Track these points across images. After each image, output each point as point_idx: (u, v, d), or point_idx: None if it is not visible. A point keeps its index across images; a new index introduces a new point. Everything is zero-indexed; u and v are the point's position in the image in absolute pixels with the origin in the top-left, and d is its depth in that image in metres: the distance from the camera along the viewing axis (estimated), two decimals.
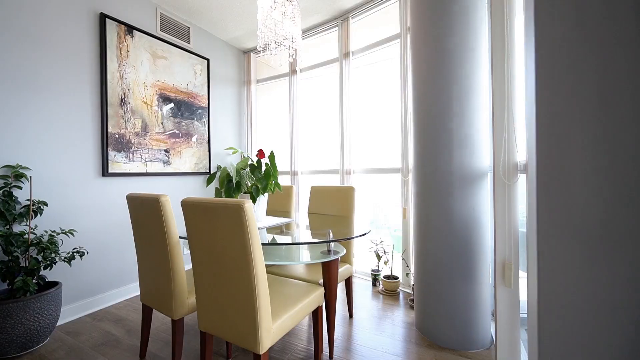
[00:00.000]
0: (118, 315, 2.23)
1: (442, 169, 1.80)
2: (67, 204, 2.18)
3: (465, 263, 1.76)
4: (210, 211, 1.19)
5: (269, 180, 1.69)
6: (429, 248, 1.87)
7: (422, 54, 1.91)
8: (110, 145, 2.41)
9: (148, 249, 1.56)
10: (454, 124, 1.76)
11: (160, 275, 1.50)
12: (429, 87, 1.86)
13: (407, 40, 2.60)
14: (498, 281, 1.29)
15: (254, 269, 1.14)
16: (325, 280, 1.64)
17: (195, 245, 1.30)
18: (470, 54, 1.76)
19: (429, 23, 1.86)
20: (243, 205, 1.10)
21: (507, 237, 1.26)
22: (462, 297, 1.76)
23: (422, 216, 1.93)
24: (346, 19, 3.04)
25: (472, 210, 1.76)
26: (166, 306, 1.50)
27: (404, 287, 2.66)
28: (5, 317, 1.64)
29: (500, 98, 1.27)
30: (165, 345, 1.83)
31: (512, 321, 1.27)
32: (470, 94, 1.76)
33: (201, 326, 1.36)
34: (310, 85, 3.65)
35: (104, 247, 2.40)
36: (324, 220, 2.15)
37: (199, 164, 3.23)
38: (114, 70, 2.44)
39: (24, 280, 1.71)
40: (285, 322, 1.31)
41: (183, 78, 3.05)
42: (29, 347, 1.76)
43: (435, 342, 1.84)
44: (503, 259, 1.27)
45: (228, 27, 3.33)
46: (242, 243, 1.13)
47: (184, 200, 1.28)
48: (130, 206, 1.62)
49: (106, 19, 2.39)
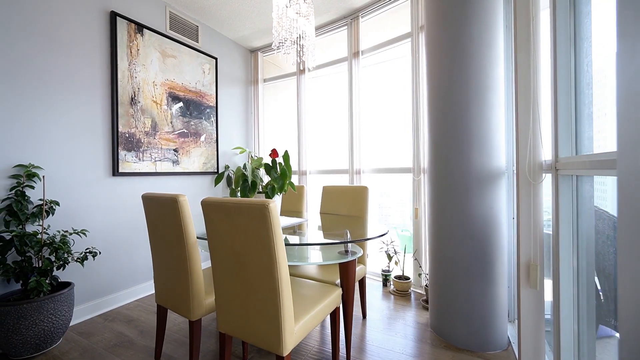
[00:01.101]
0: (129, 316, 2.21)
1: (460, 168, 1.78)
2: (78, 203, 2.17)
3: (483, 263, 1.74)
4: (233, 211, 1.17)
5: (285, 180, 1.68)
6: (445, 248, 1.85)
7: (438, 52, 1.89)
8: (120, 145, 2.39)
9: (164, 249, 1.54)
10: (472, 122, 1.75)
11: (178, 276, 1.49)
12: (445, 85, 1.84)
13: (419, 39, 2.58)
14: (522, 282, 1.27)
15: (277, 270, 1.13)
16: (343, 281, 1.62)
17: (216, 245, 1.28)
18: (487, 51, 1.74)
19: (445, 21, 1.84)
20: (268, 205, 1.08)
21: (531, 237, 1.25)
22: (480, 298, 1.75)
23: (437, 216, 1.92)
24: (356, 17, 3.02)
25: (490, 209, 1.74)
26: (183, 307, 1.48)
27: (415, 288, 2.64)
28: (19, 317, 1.62)
29: (525, 96, 1.25)
30: (179, 346, 1.82)
31: (537, 323, 1.26)
32: (487, 93, 1.75)
33: (220, 327, 1.34)
34: (318, 85, 3.63)
35: (114, 247, 2.39)
36: (336, 220, 2.13)
37: (207, 164, 3.21)
38: (125, 69, 2.43)
39: (38, 280, 1.69)
40: (306, 324, 1.30)
41: (192, 77, 3.03)
42: (43, 348, 1.74)
43: (451, 343, 1.82)
44: (528, 259, 1.26)
45: (236, 26, 3.31)
46: (266, 243, 1.12)
47: (204, 200, 1.27)
48: (146, 206, 1.60)
49: (117, 17, 2.37)
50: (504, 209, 1.80)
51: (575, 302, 1.12)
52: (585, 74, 1.08)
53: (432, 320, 2.00)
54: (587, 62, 1.08)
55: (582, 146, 1.10)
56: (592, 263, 1.08)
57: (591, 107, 1.09)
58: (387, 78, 3.18)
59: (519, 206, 1.29)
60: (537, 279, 1.22)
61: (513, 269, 1.97)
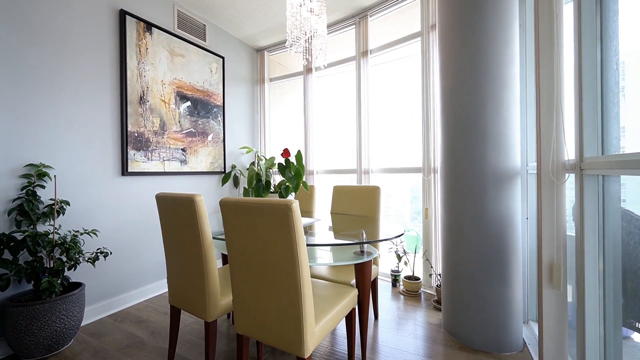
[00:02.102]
0: (139, 317, 2.20)
1: (475, 167, 1.77)
2: (87, 203, 2.15)
3: (499, 264, 1.73)
4: (254, 211, 1.15)
5: (299, 180, 1.66)
6: (460, 248, 1.84)
7: (452, 51, 1.87)
8: (129, 144, 2.37)
9: (179, 249, 1.53)
10: (488, 122, 1.73)
11: (193, 276, 1.47)
12: (460, 84, 1.83)
13: (429, 38, 2.57)
14: (544, 283, 1.26)
15: (299, 271, 1.11)
16: (359, 281, 1.61)
17: (234, 246, 1.26)
18: (503, 50, 1.73)
19: (459, 19, 1.83)
20: (291, 205, 1.07)
21: (555, 238, 1.23)
22: (495, 299, 1.73)
23: (451, 216, 1.90)
24: (364, 16, 3.01)
25: (506, 209, 1.73)
26: (199, 308, 1.47)
27: (425, 288, 2.63)
28: (31, 318, 1.61)
29: (548, 95, 1.24)
30: (192, 347, 1.80)
31: (560, 325, 1.24)
32: (503, 91, 1.73)
33: (238, 329, 1.33)
34: (325, 84, 3.62)
35: (123, 247, 2.37)
36: (349, 220, 2.11)
37: (215, 163, 3.19)
38: (134, 67, 2.41)
39: (50, 281, 1.68)
40: (325, 325, 1.28)
41: (199, 76, 3.01)
42: (55, 349, 1.73)
43: (466, 344, 1.81)
44: (550, 260, 1.24)
45: (243, 24, 3.29)
46: (288, 244, 1.10)
47: (223, 200, 1.25)
48: (160, 206, 1.58)
49: (126, 16, 2.35)
50: (519, 208, 1.78)
51: (601, 304, 1.10)
52: (614, 72, 1.06)
53: (445, 320, 1.99)
54: (615, 61, 1.06)
55: (610, 146, 1.09)
56: (619, 265, 1.07)
57: (618, 107, 1.08)
58: (395, 77, 3.16)
59: (540, 206, 1.27)
60: (560, 279, 1.20)
61: (528, 270, 1.96)
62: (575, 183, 1.18)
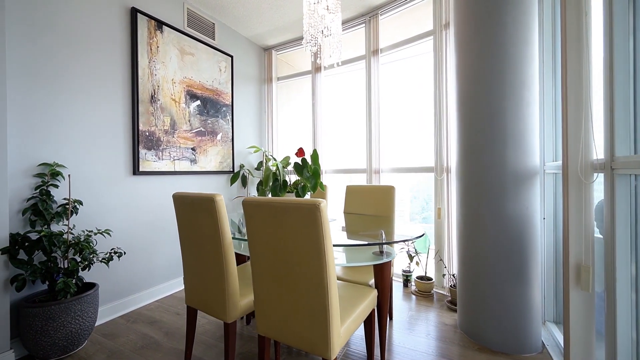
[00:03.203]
0: (152, 317, 2.18)
1: (494, 167, 1.75)
2: (99, 203, 2.13)
3: (518, 264, 1.71)
4: (279, 211, 1.13)
5: (317, 179, 1.64)
6: (478, 249, 1.82)
7: (469, 49, 1.85)
8: (140, 143, 2.36)
9: (197, 249, 1.51)
10: (507, 120, 1.71)
11: (212, 277, 1.45)
12: (478, 83, 1.81)
13: (442, 37, 2.55)
14: (571, 284, 1.24)
15: (327, 272, 1.09)
16: (378, 282, 1.59)
17: (257, 246, 1.25)
18: (523, 48, 1.71)
19: (477, 17, 1.81)
20: (319, 205, 1.05)
21: (583, 238, 1.21)
22: (514, 300, 1.71)
23: (468, 215, 1.88)
24: (375, 15, 2.99)
25: (526, 209, 1.71)
26: (218, 309, 1.45)
27: (437, 288, 2.61)
28: (47, 319, 1.59)
29: (576, 93, 1.22)
30: (208, 348, 1.79)
31: (588, 327, 1.23)
32: (523, 90, 1.71)
33: (260, 330, 1.31)
34: (333, 83, 3.60)
35: (134, 247, 2.35)
36: (363, 220, 2.09)
37: (223, 163, 3.17)
38: (145, 66, 2.39)
39: (65, 281, 1.66)
40: (349, 326, 1.26)
41: (209, 75, 2.99)
42: (70, 350, 1.71)
43: (484, 345, 1.79)
44: (578, 261, 1.22)
45: (252, 23, 3.27)
46: (316, 244, 1.08)
47: (246, 199, 1.23)
48: (177, 205, 1.56)
49: (137, 14, 2.33)
50: (538, 208, 1.76)
51: (634, 308, 1.09)
52: None
53: (461, 321, 1.97)
54: None
55: None
56: None
57: None
58: (405, 76, 3.14)
59: (567, 206, 1.26)
60: (589, 281, 1.18)
61: (545, 270, 1.94)
62: (604, 183, 1.17)
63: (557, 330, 1.85)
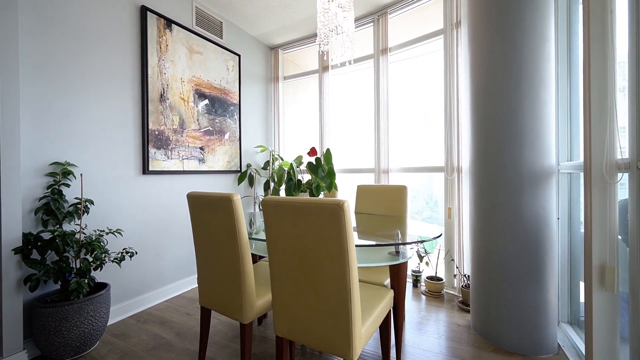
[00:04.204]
0: (162, 317, 2.17)
1: (510, 167, 1.73)
2: (109, 202, 2.12)
3: (534, 265, 1.69)
4: (301, 211, 1.12)
5: (333, 179, 1.63)
6: (493, 249, 1.81)
7: (484, 48, 1.84)
8: (150, 143, 2.34)
9: (213, 249, 1.49)
10: (524, 120, 1.70)
11: (228, 277, 1.44)
12: (493, 81, 1.79)
13: (453, 35, 2.53)
14: (594, 285, 1.22)
15: (349, 272, 1.08)
16: (394, 283, 1.58)
17: (276, 246, 1.23)
18: (541, 46, 1.69)
19: (493, 16, 1.79)
20: (343, 205, 1.04)
21: (607, 238, 1.20)
22: (531, 300, 1.70)
23: (483, 216, 1.87)
24: (384, 14, 2.97)
25: (543, 210, 1.69)
26: (234, 310, 1.44)
27: (448, 289, 2.60)
28: (61, 319, 1.58)
29: (600, 91, 1.20)
30: (221, 349, 1.77)
31: (612, 329, 1.21)
32: (540, 88, 1.70)
33: (278, 331, 1.30)
34: (341, 82, 3.58)
35: (143, 247, 2.34)
36: (374, 220, 2.08)
37: (231, 162, 3.16)
38: (154, 64, 2.38)
39: (79, 281, 1.64)
40: (369, 327, 1.25)
41: (217, 74, 2.98)
42: (82, 351, 1.70)
43: (499, 346, 1.78)
44: (602, 262, 1.21)
45: (259, 22, 3.25)
46: (339, 245, 1.07)
47: (265, 199, 1.22)
48: (192, 205, 1.55)
49: (147, 12, 2.32)
50: (554, 209, 1.75)
51: None
52: None
53: (474, 322, 1.96)
54: None
55: None
56: None
57: None
58: (413, 75, 3.12)
59: (590, 206, 1.24)
60: (613, 282, 1.17)
61: (559, 271, 1.93)
62: (629, 183, 1.15)
63: (572, 331, 1.84)
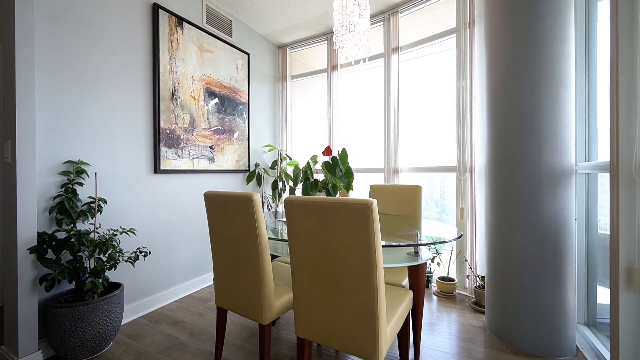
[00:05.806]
0: (174, 318, 2.15)
1: (529, 167, 1.72)
2: (121, 201, 2.10)
3: (553, 266, 1.68)
4: (326, 211, 1.10)
5: (351, 178, 1.61)
6: (510, 250, 1.79)
7: (502, 47, 1.82)
8: (161, 141, 2.32)
9: (231, 249, 1.48)
10: (543, 119, 1.68)
11: (247, 277, 1.42)
12: (512, 81, 1.77)
13: (466, 34, 2.51)
14: (621, 287, 1.20)
15: (376, 273, 1.06)
16: (413, 283, 1.56)
17: (299, 246, 1.21)
18: (560, 46, 1.67)
19: (511, 15, 1.77)
20: (371, 204, 1.02)
21: (636, 239, 1.18)
22: (549, 302, 1.68)
23: (499, 216, 1.85)
24: (395, 12, 2.95)
25: (562, 210, 1.68)
26: (253, 310, 1.42)
27: (460, 289, 2.58)
28: (76, 320, 1.56)
29: (628, 90, 1.19)
30: (236, 350, 1.76)
31: (638, 331, 1.19)
32: (559, 88, 1.68)
33: (299, 332, 1.28)
34: (349, 81, 3.56)
35: (154, 246, 2.32)
36: (389, 220, 2.06)
37: (240, 161, 3.14)
38: (166, 62, 2.36)
39: (94, 281, 1.63)
40: (393, 328, 1.23)
41: (226, 73, 2.96)
42: (97, 351, 1.68)
43: (517, 347, 1.76)
44: (629, 263, 1.19)
45: (268, 20, 3.23)
46: (366, 245, 1.05)
47: (288, 198, 1.20)
48: (209, 204, 1.53)
49: (159, 10, 2.30)
50: (573, 210, 1.73)
51: None
52: None
53: (490, 323, 1.94)
54: None
55: None
56: None
57: None
58: (424, 74, 3.10)
59: (617, 206, 1.22)
60: None
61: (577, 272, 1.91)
62: None
63: (590, 333, 1.82)
